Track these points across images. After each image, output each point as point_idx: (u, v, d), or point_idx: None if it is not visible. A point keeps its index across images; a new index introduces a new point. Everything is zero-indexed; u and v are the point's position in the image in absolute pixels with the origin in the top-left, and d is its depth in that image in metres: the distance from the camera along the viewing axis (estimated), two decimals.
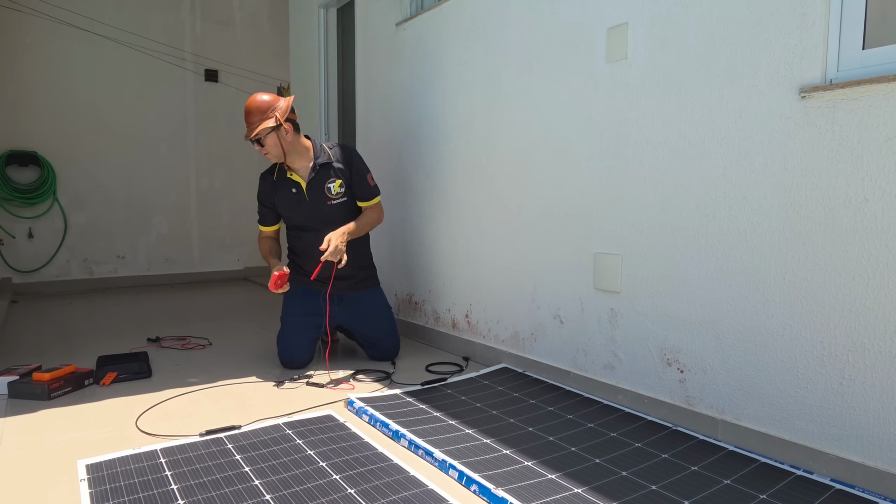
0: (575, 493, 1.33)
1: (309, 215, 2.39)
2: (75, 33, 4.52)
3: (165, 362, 2.48)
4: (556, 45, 2.09)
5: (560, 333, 2.14)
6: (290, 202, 2.39)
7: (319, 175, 2.38)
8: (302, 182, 2.37)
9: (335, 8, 3.80)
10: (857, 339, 1.35)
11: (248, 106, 2.26)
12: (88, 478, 1.40)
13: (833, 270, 1.38)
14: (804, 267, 1.44)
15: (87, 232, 4.66)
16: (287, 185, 2.40)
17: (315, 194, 2.37)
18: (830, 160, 1.38)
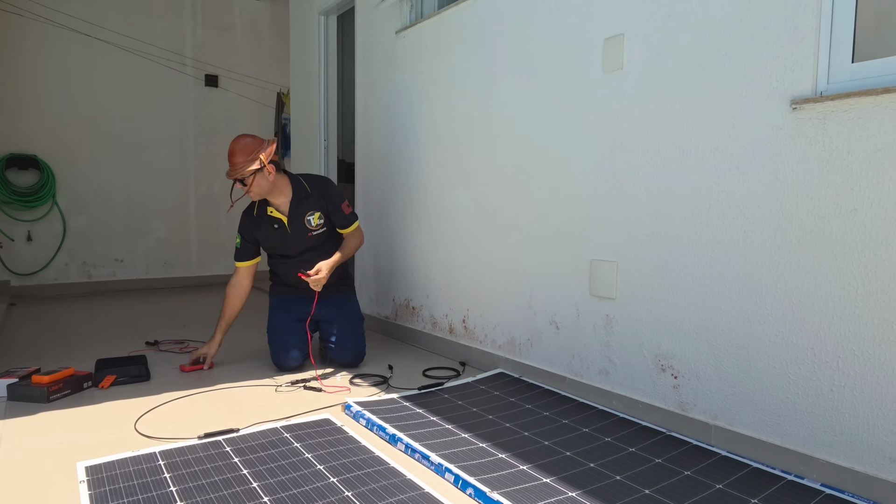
0: (569, 497, 1.35)
1: (292, 248, 2.49)
2: (76, 38, 4.55)
3: (164, 366, 2.50)
4: (553, 55, 2.12)
5: (556, 339, 2.16)
6: (274, 237, 2.48)
7: (299, 209, 2.46)
8: (283, 217, 2.45)
9: (335, 15, 3.83)
10: (847, 346, 1.37)
11: (233, 148, 2.34)
12: (88, 479, 1.41)
13: (823, 278, 1.41)
14: (795, 275, 1.46)
15: (86, 235, 4.67)
16: (269, 222, 2.47)
17: (296, 228, 2.46)
18: (821, 170, 1.41)
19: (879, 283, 1.31)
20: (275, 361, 2.44)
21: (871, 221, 1.32)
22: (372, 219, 3.26)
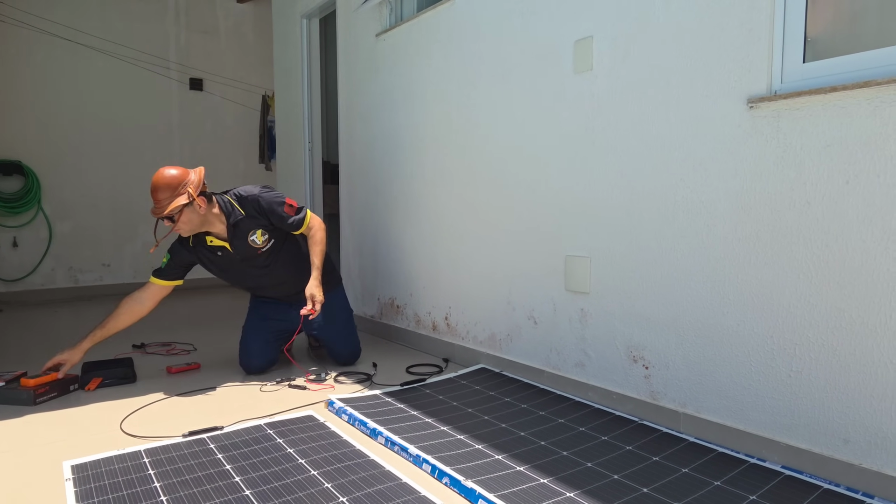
0: (541, 483, 1.40)
1: (246, 269, 2.39)
2: (59, 43, 4.56)
3: (150, 368, 2.53)
4: (527, 57, 2.18)
5: (534, 334, 2.22)
6: (222, 265, 2.37)
7: (238, 232, 2.32)
8: (225, 244, 2.33)
9: (318, 18, 3.87)
10: (804, 334, 1.44)
11: (156, 182, 2.16)
12: (73, 477, 1.45)
13: (780, 269, 1.47)
14: (755, 266, 1.53)
15: (72, 240, 4.68)
16: (210, 252, 2.35)
17: (241, 247, 2.33)
18: (776, 166, 1.47)
19: (831, 272, 1.38)
20: (240, 364, 2.45)
21: (822, 214, 1.39)
22: (356, 219, 3.30)
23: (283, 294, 2.51)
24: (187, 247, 2.36)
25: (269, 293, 2.52)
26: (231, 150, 5.34)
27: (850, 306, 1.35)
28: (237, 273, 2.43)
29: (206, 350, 2.84)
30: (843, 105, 1.34)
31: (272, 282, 2.45)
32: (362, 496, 1.35)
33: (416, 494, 1.35)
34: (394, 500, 1.33)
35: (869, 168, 1.31)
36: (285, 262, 2.43)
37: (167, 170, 2.19)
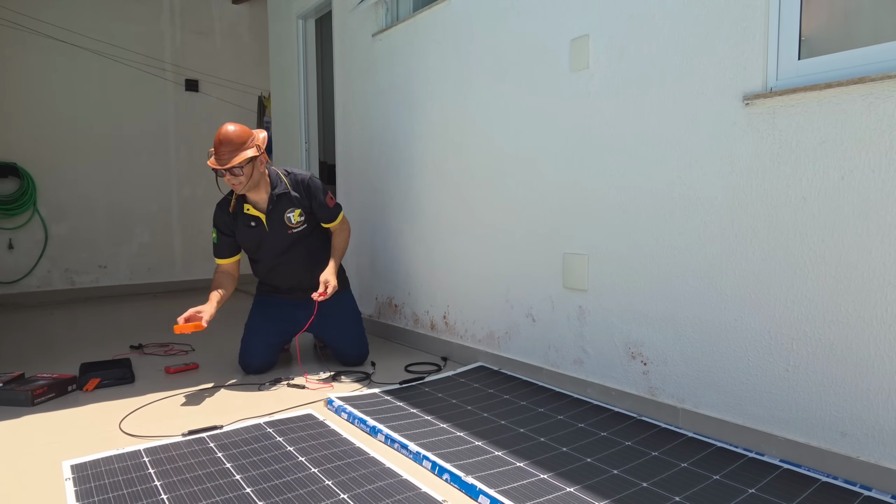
0: (541, 479, 1.41)
1: (271, 247, 2.40)
2: (54, 45, 4.54)
3: (148, 368, 2.52)
4: (523, 56, 2.19)
5: (532, 331, 2.22)
6: (251, 236, 2.39)
7: (278, 206, 2.35)
8: (261, 215, 2.35)
9: (313, 19, 3.88)
10: (801, 329, 1.45)
11: (226, 135, 2.17)
12: (73, 477, 1.45)
13: (777, 265, 1.48)
14: (751, 262, 1.54)
15: (68, 242, 4.66)
16: (245, 220, 2.37)
17: (275, 226, 2.37)
18: (772, 162, 1.48)
19: (827, 267, 1.39)
20: (240, 362, 2.44)
21: (818, 209, 1.40)
22: (353, 219, 3.30)
23: (289, 284, 2.49)
24: (228, 213, 2.38)
25: (277, 280, 2.48)
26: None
27: (847, 301, 1.36)
28: (260, 247, 2.42)
29: (204, 351, 2.84)
30: (838, 101, 1.35)
31: (288, 267, 2.43)
32: (363, 493, 1.35)
33: (417, 491, 1.36)
34: (395, 496, 1.33)
35: (864, 164, 1.32)
36: (306, 251, 2.45)
37: (232, 125, 2.21)
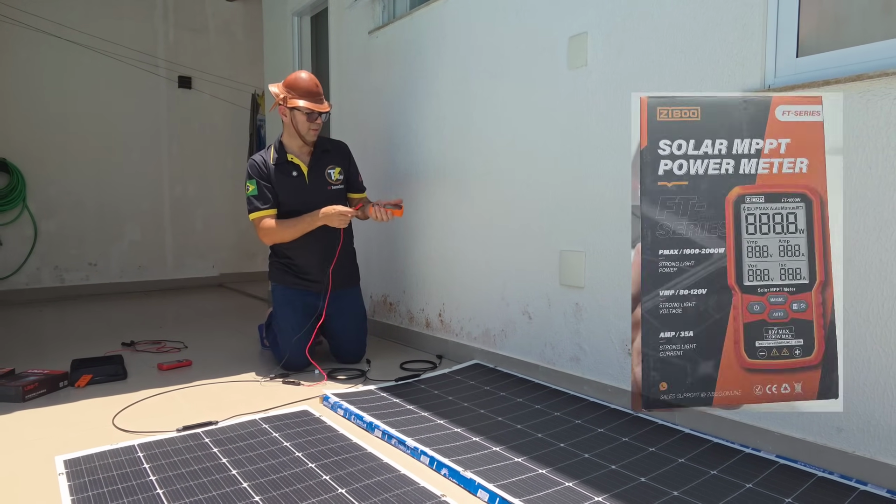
0: (539, 474, 1.41)
1: (308, 200, 2.39)
2: (45, 39, 4.49)
3: (141, 365, 2.50)
4: (521, 53, 2.19)
5: (529, 329, 2.22)
6: (290, 186, 2.40)
7: (321, 160, 2.45)
8: (303, 166, 2.42)
9: (309, 16, 3.86)
10: None
11: (317, 81, 2.40)
12: (67, 472, 1.43)
13: None
14: None
15: (58, 239, 4.61)
16: (287, 169, 2.41)
17: (316, 179, 2.44)
18: None
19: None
20: (285, 363, 2.36)
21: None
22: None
23: (310, 258, 2.43)
24: (264, 164, 2.42)
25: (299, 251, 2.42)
26: (220, 149, 5.30)
27: (844, 296, 1.37)
28: (297, 199, 2.40)
29: (197, 347, 2.82)
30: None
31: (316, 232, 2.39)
32: (361, 487, 1.34)
33: (416, 485, 1.35)
34: (393, 490, 1.33)
35: (861, 160, 1.33)
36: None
37: (306, 73, 2.43)
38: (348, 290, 2.56)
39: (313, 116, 2.37)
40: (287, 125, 2.43)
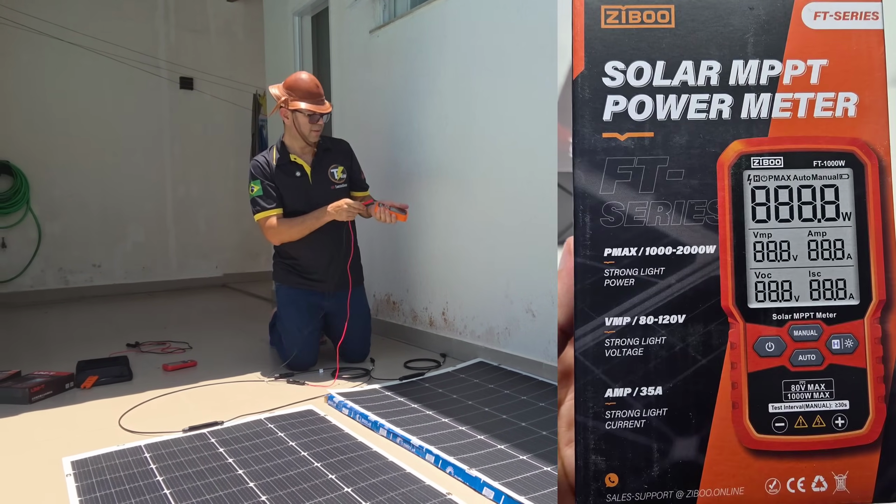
0: (544, 472, 1.41)
1: (312, 199, 2.40)
2: (48, 42, 4.51)
3: (146, 366, 2.51)
4: (523, 51, 2.19)
5: (532, 326, 2.23)
6: (294, 186, 2.41)
7: (324, 160, 2.46)
8: (306, 166, 2.43)
9: (310, 16, 3.86)
10: None
11: (317, 83, 2.41)
12: (74, 473, 1.44)
13: None
14: None
15: (62, 241, 4.63)
16: (290, 169, 2.42)
17: (319, 178, 2.44)
18: None
19: None
20: (292, 363, 2.36)
21: None
22: None
23: (314, 258, 2.43)
24: (267, 164, 2.43)
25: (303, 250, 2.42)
26: (222, 150, 5.31)
27: None
28: (301, 199, 2.41)
29: (202, 348, 2.83)
30: None
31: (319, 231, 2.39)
32: (367, 486, 1.35)
33: (421, 484, 1.36)
34: (399, 489, 1.33)
35: None
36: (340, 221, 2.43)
37: (307, 74, 2.46)
38: (353, 289, 2.56)
39: (315, 118, 2.37)
40: (289, 127, 2.44)
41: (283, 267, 2.51)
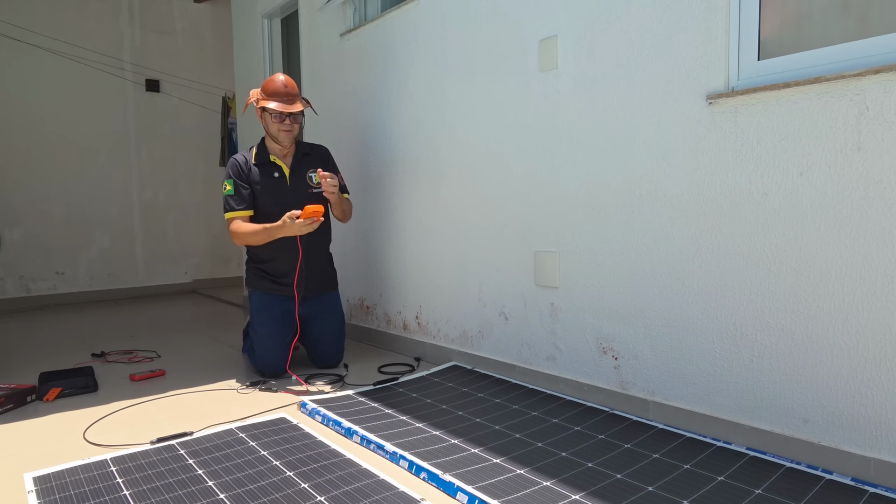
0: (518, 475, 1.42)
1: (287, 201, 2.39)
2: (6, 43, 4.36)
3: (112, 376, 2.45)
4: (493, 56, 2.20)
5: (505, 330, 2.24)
6: (271, 186, 2.41)
7: (303, 163, 2.47)
8: (285, 168, 2.44)
9: (279, 18, 3.82)
10: (763, 320, 1.50)
11: (289, 82, 2.40)
12: (37, 489, 1.39)
13: (741, 258, 1.53)
14: (717, 256, 1.58)
15: (23, 248, 4.48)
16: (268, 169, 2.43)
17: (297, 181, 2.45)
18: (735, 159, 1.53)
19: (788, 260, 1.44)
20: (259, 367, 2.37)
21: (779, 205, 1.45)
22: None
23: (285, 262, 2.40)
24: (245, 164, 2.44)
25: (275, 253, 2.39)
26: (190, 153, 5.21)
27: (806, 292, 1.42)
28: (276, 200, 2.39)
29: (171, 357, 2.77)
30: (796, 100, 1.41)
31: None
32: (340, 494, 1.34)
33: (395, 490, 1.35)
34: (372, 496, 1.33)
35: (821, 160, 1.38)
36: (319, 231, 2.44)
37: (283, 75, 2.43)
38: (326, 294, 2.55)
39: (281, 117, 2.38)
40: (264, 127, 2.47)
41: (255, 272, 2.48)
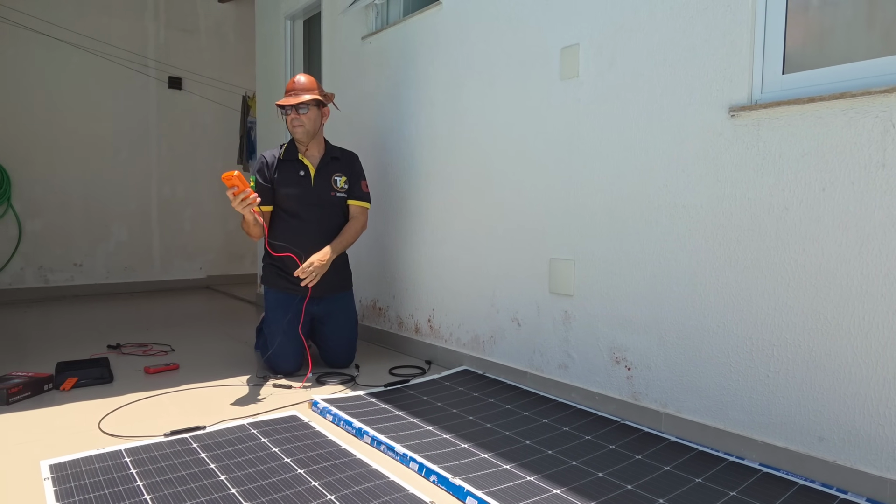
0: (527, 481, 1.42)
1: (309, 200, 2.45)
2: (34, 37, 4.45)
3: (127, 368, 2.48)
4: (513, 63, 2.21)
5: (518, 336, 2.24)
6: (295, 182, 2.45)
7: (329, 167, 2.51)
8: (311, 167, 2.48)
9: (302, 20, 3.86)
10: (781, 335, 1.49)
11: (297, 79, 2.45)
12: (52, 476, 1.41)
13: (759, 272, 1.52)
14: (735, 270, 1.57)
15: (43, 239, 4.56)
16: (295, 166, 2.48)
17: (322, 182, 2.49)
18: (756, 172, 1.52)
19: (807, 275, 1.43)
20: (272, 365, 2.39)
21: (799, 219, 1.44)
22: None
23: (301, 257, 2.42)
24: (273, 159, 2.48)
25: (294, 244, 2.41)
26: (209, 150, 5.28)
27: (826, 308, 1.40)
28: (297, 198, 2.44)
29: (184, 351, 2.80)
30: (820, 115, 1.40)
31: (311, 228, 2.43)
32: (350, 494, 1.34)
33: (405, 492, 1.36)
34: (382, 497, 1.33)
35: (844, 176, 1.37)
36: (334, 222, 2.49)
37: (303, 75, 2.49)
38: (340, 294, 2.56)
39: (286, 111, 2.44)
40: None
41: (271, 270, 2.50)
